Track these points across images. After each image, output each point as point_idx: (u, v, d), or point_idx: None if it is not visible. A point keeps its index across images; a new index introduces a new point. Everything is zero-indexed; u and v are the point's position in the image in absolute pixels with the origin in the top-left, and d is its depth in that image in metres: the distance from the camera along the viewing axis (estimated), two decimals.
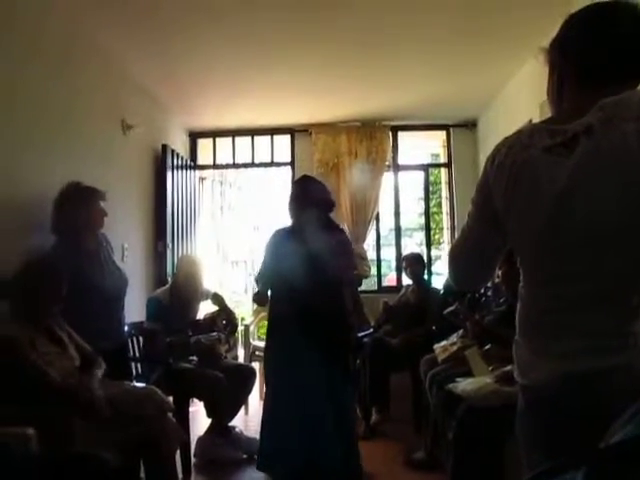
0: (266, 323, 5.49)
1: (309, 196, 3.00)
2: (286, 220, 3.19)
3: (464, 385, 2.54)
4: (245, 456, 3.42)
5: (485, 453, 2.35)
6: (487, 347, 2.88)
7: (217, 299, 3.84)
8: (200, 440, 3.43)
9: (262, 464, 3.00)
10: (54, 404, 2.00)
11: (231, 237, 10.42)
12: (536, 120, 3.88)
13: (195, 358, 3.50)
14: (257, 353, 4.93)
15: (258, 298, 3.18)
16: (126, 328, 3.22)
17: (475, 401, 2.39)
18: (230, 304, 3.98)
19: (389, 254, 6.11)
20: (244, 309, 9.28)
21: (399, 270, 5.61)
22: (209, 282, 3.85)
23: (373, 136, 5.51)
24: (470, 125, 5.61)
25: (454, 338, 3.43)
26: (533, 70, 4.00)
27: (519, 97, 4.33)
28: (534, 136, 1.12)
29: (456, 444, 2.45)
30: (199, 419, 3.75)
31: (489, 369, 2.77)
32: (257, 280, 3.18)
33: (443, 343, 3.46)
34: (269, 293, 3.09)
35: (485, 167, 1.23)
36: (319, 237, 2.89)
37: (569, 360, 1.06)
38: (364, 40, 3.80)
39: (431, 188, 6.42)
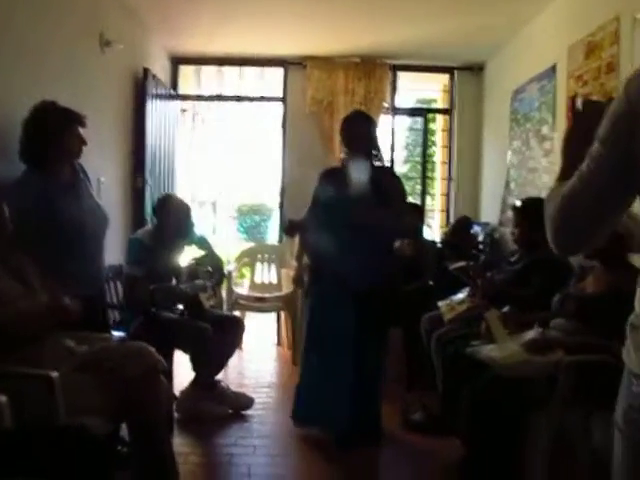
0: (249, 269, 5.28)
1: (358, 135, 2.82)
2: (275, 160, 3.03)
3: (488, 351, 2.31)
4: (231, 411, 3.22)
5: (508, 425, 2.17)
6: (505, 310, 2.66)
7: (203, 244, 3.53)
8: (183, 394, 3.19)
9: (295, 415, 2.98)
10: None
11: (203, 175, 9.98)
12: (562, 65, 3.57)
13: (179, 307, 3.21)
14: (240, 301, 4.67)
15: (288, 226, 3.11)
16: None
17: (503, 370, 2.18)
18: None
19: None
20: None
21: None
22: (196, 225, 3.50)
23: (372, 74, 5.12)
24: (476, 69, 5.25)
25: (461, 296, 3.21)
26: (562, 8, 3.65)
27: (541, 39, 3.98)
28: None
29: (475, 413, 2.26)
30: (181, 371, 3.49)
31: (506, 334, 2.56)
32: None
33: (448, 301, 3.23)
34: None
35: (628, 96, 0.91)
36: (366, 181, 2.73)
37: None
38: None
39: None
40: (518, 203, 3.18)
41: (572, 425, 2.04)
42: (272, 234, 8.91)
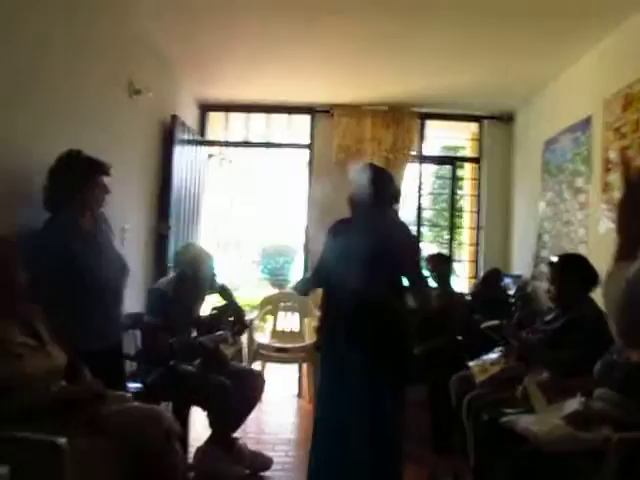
0: (271, 317, 5.17)
1: (374, 186, 2.68)
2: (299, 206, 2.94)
3: (527, 423, 2.14)
4: (248, 472, 3.06)
5: None
6: (544, 375, 2.49)
7: (225, 293, 3.46)
8: (199, 451, 3.04)
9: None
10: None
11: (229, 218, 10.05)
12: (598, 117, 3.47)
13: (199, 360, 3.10)
14: (261, 351, 4.54)
15: (300, 286, 2.97)
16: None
17: (544, 445, 2.00)
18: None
19: None
20: (238, 294, 8.93)
21: None
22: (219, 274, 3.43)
23: (399, 122, 5.08)
24: (506, 118, 5.18)
25: (494, 356, 3.04)
26: (597, 60, 3.57)
27: (574, 91, 3.90)
28: None
29: None
30: (197, 425, 3.36)
31: (545, 402, 2.39)
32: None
33: (480, 361, 3.06)
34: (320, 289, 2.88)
35: None
36: (382, 234, 2.60)
37: None
38: (398, 18, 3.37)
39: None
40: (555, 259, 3.03)
41: None
42: (295, 276, 8.86)
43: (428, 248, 5.53)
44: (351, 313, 2.53)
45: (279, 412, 4.39)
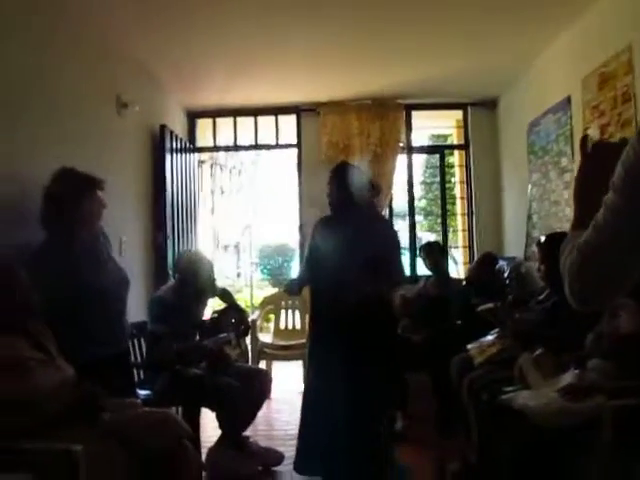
0: (272, 316, 5.25)
1: (350, 184, 2.84)
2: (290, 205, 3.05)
3: (524, 399, 2.21)
4: (260, 468, 3.13)
5: (552, 476, 2.06)
6: (538, 352, 2.56)
7: (226, 296, 3.51)
8: (211, 452, 3.10)
9: (297, 465, 2.92)
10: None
11: (225, 221, 10.12)
12: (577, 96, 3.54)
13: (204, 362, 3.17)
14: (265, 350, 4.62)
15: (290, 287, 3.07)
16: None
17: (541, 419, 2.07)
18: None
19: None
20: (240, 296, 9.00)
21: (413, 260, 5.29)
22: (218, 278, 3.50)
23: (385, 115, 5.13)
24: (490, 104, 5.24)
25: (490, 338, 3.12)
26: (574, 40, 3.63)
27: (553, 72, 3.97)
28: None
29: (517, 466, 2.15)
30: (208, 426, 3.43)
31: (541, 377, 2.46)
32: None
33: (478, 343, 3.14)
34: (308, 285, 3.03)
35: None
36: (363, 230, 2.74)
37: None
38: (376, 11, 3.42)
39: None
40: (542, 238, 3.11)
41: (620, 472, 1.92)
42: (295, 275, 8.90)
43: (424, 236, 5.59)
44: (337, 307, 2.64)
45: (287, 408, 4.45)
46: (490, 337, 3.11)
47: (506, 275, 4.37)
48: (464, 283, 4.40)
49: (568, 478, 2.06)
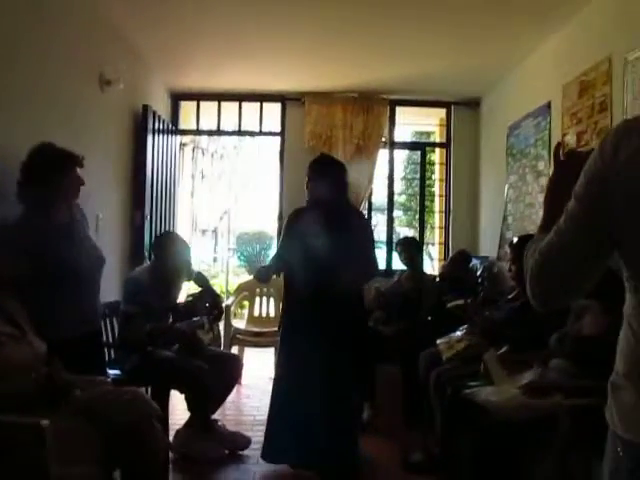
0: (247, 303, 5.27)
1: (329, 176, 2.86)
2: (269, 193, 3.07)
3: (486, 394, 2.29)
4: (227, 452, 3.16)
5: (510, 470, 2.13)
6: (503, 350, 2.64)
7: (201, 280, 3.52)
8: (179, 434, 3.14)
9: (265, 454, 2.94)
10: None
11: (204, 206, 10.06)
12: (557, 103, 3.61)
13: (176, 345, 3.19)
14: (238, 336, 4.64)
15: (259, 274, 3.00)
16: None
17: (502, 415, 2.15)
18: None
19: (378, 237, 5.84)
20: (215, 281, 8.98)
21: (389, 254, 5.35)
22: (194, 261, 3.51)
23: (370, 109, 5.17)
24: (473, 104, 5.31)
25: (459, 334, 3.19)
26: (557, 47, 3.71)
27: (536, 77, 4.04)
28: None
29: (476, 459, 2.22)
30: (176, 409, 3.45)
31: (505, 374, 2.54)
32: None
33: (447, 339, 3.21)
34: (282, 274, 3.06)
35: (602, 156, 0.92)
36: (338, 222, 2.77)
37: None
38: (366, 5, 3.45)
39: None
40: (514, 240, 3.18)
41: (575, 468, 2.00)
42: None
43: (402, 231, 5.66)
44: (309, 296, 2.68)
45: (257, 394, 4.48)
46: (459, 333, 3.18)
47: (479, 273, 4.47)
48: (437, 279, 4.47)
49: (526, 471, 2.14)
